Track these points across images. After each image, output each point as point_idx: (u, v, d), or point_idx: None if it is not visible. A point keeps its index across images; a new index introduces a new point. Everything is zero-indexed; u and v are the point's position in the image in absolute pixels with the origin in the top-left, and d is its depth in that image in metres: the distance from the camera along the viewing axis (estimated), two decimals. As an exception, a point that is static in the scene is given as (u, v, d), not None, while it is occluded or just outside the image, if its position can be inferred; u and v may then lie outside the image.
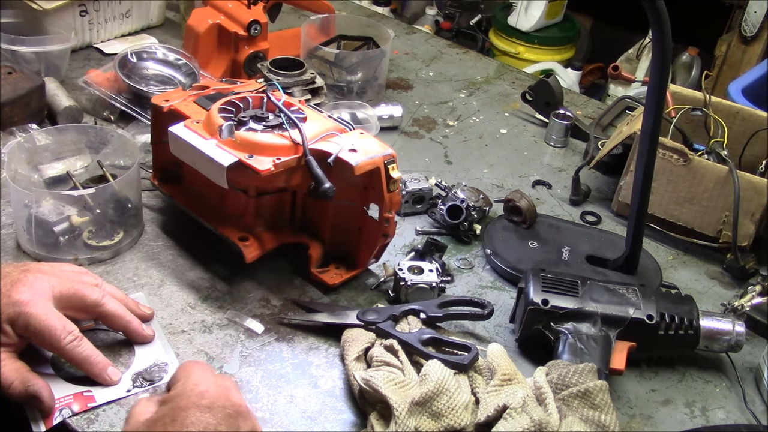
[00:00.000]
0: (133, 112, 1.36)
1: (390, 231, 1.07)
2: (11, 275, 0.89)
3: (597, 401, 0.88)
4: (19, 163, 1.14)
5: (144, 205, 1.19)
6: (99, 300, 0.93)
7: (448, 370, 0.90)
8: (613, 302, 1.01)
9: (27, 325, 0.86)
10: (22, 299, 0.86)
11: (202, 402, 0.78)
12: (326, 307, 1.07)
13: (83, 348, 0.89)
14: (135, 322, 0.97)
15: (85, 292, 0.92)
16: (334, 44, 1.63)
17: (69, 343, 0.88)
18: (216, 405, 0.78)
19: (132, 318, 0.96)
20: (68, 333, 0.88)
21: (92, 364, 0.90)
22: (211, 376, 0.83)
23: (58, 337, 0.87)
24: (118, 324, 0.96)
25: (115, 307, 0.95)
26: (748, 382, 1.06)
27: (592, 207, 1.39)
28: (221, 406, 0.78)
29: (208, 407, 0.77)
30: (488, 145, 1.54)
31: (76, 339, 0.89)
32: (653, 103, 1.03)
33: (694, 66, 2.96)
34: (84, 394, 0.90)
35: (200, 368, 0.84)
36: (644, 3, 0.94)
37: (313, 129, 1.04)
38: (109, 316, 0.94)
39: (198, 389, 0.79)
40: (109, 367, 0.91)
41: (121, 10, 1.66)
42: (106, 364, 0.91)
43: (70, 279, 0.93)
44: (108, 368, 0.91)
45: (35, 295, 0.87)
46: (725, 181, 1.22)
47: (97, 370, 0.90)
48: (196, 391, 0.79)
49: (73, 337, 0.88)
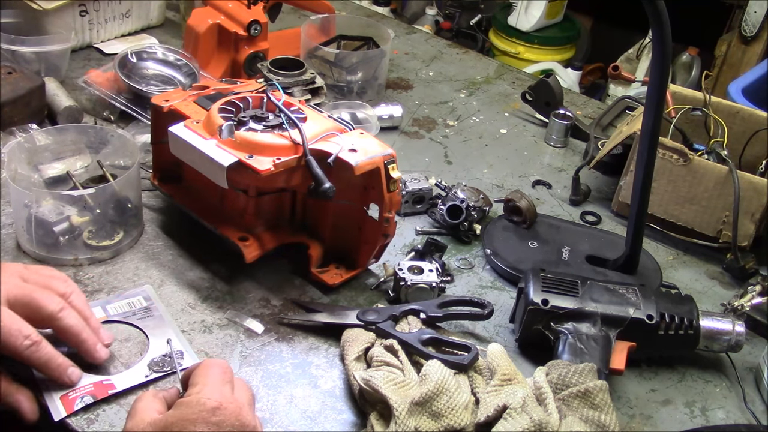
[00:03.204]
0: (133, 112, 1.36)
1: (390, 231, 1.07)
2: None
3: (597, 401, 0.88)
4: (19, 163, 1.14)
5: (144, 205, 1.19)
6: (55, 312, 0.87)
7: (448, 370, 0.90)
8: (613, 302, 1.01)
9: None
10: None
11: (212, 419, 0.77)
12: (326, 307, 1.07)
13: (41, 353, 0.85)
14: (90, 341, 0.90)
15: (42, 301, 0.87)
16: (334, 44, 1.63)
17: (26, 349, 0.84)
18: (225, 423, 0.77)
19: (88, 336, 0.90)
20: (25, 338, 0.84)
21: (51, 368, 0.87)
22: (226, 387, 0.82)
23: (14, 343, 0.83)
24: (72, 340, 0.89)
25: (73, 322, 0.89)
26: (748, 382, 1.06)
27: (592, 207, 1.39)
28: (230, 424, 0.78)
29: (218, 424, 0.77)
30: (488, 145, 1.54)
31: (33, 344, 0.84)
32: (653, 103, 1.03)
33: (694, 66, 2.96)
34: (104, 382, 0.91)
35: (218, 376, 0.83)
36: (644, 3, 0.94)
37: (313, 129, 1.04)
38: (64, 331, 0.89)
39: (210, 404, 0.78)
40: (69, 368, 0.88)
41: (121, 10, 1.66)
42: (66, 365, 0.88)
43: (34, 282, 0.88)
44: (68, 369, 0.88)
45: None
46: (725, 181, 1.22)
47: (57, 374, 0.87)
48: (208, 406, 0.78)
49: (30, 342, 0.84)
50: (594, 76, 3.31)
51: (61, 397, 0.88)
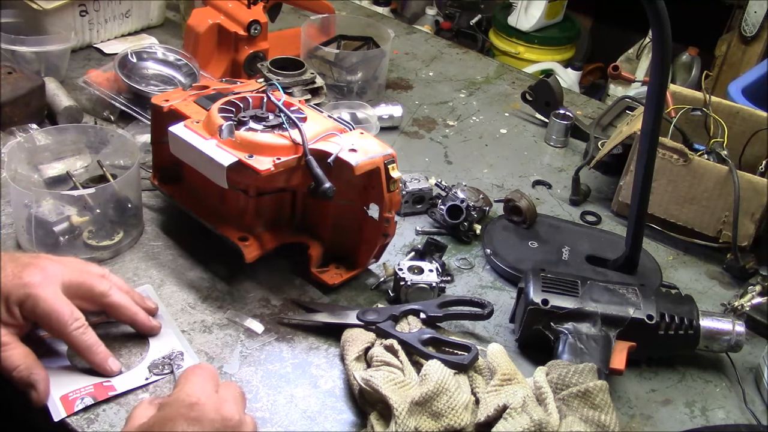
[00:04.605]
0: (133, 112, 1.36)
1: (390, 231, 1.07)
2: (22, 259, 0.90)
3: (597, 401, 0.88)
4: (19, 163, 1.14)
5: (144, 205, 1.19)
6: (106, 291, 0.94)
7: (448, 370, 0.90)
8: (613, 302, 1.01)
9: (35, 308, 0.87)
10: (32, 281, 0.87)
11: (191, 414, 0.77)
12: (326, 307, 1.07)
13: (88, 336, 0.90)
14: (141, 313, 0.97)
15: (93, 282, 0.93)
16: (334, 44, 1.63)
17: (75, 330, 0.89)
18: (205, 418, 0.77)
19: (138, 310, 0.97)
20: (75, 320, 0.89)
21: (95, 353, 0.91)
22: (208, 385, 0.81)
23: (65, 322, 0.88)
24: (125, 315, 0.96)
25: (122, 298, 0.95)
26: (748, 382, 1.06)
27: (592, 207, 1.39)
28: (210, 419, 0.77)
29: (196, 419, 0.76)
30: (488, 145, 1.54)
31: (83, 326, 0.89)
32: (653, 103, 1.03)
33: (694, 66, 2.96)
34: (104, 383, 0.91)
35: (200, 375, 0.83)
36: (644, 3, 0.94)
37: (313, 129, 1.04)
38: (116, 307, 0.95)
39: (189, 399, 0.78)
40: (110, 357, 0.92)
41: (121, 10, 1.66)
42: (108, 354, 0.92)
43: (78, 268, 0.93)
44: (109, 359, 0.92)
45: (46, 278, 0.88)
46: (725, 181, 1.22)
47: (99, 360, 0.91)
48: (187, 402, 0.78)
49: (79, 324, 0.89)
50: (594, 76, 3.31)
51: (61, 398, 0.88)
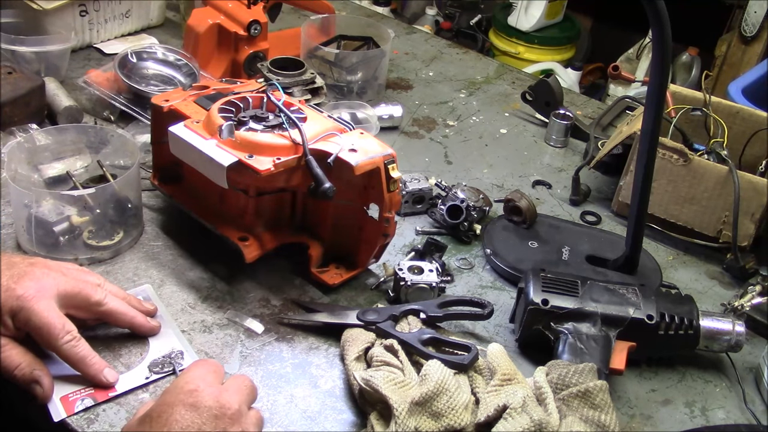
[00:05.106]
0: (133, 112, 1.36)
1: (390, 231, 1.07)
2: (18, 267, 0.90)
3: (597, 401, 0.88)
4: (19, 163, 1.14)
5: (144, 205, 1.19)
6: (101, 300, 0.94)
7: (448, 370, 0.90)
8: (613, 302, 1.01)
9: (27, 320, 0.87)
10: (26, 294, 0.87)
11: (188, 400, 0.78)
12: (326, 307, 1.07)
13: (80, 348, 0.90)
14: (139, 317, 0.98)
15: (88, 291, 0.93)
16: (334, 44, 1.63)
17: (66, 343, 0.88)
18: (202, 405, 0.78)
19: (135, 313, 0.97)
20: (66, 332, 0.88)
21: (88, 365, 0.90)
22: (210, 375, 0.82)
23: (56, 335, 0.88)
24: (122, 321, 0.97)
25: (118, 305, 0.96)
26: (748, 382, 1.06)
27: (592, 207, 1.39)
28: (208, 406, 0.78)
29: (193, 405, 0.77)
30: (488, 145, 1.54)
31: (74, 339, 0.89)
32: (653, 103, 1.03)
33: (694, 66, 2.96)
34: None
35: (202, 366, 0.84)
36: (644, 3, 0.94)
37: (313, 129, 1.04)
38: (113, 315, 0.96)
39: (188, 387, 0.79)
40: (105, 368, 0.91)
41: (121, 10, 1.66)
42: (103, 365, 0.91)
43: (74, 277, 0.93)
44: (104, 369, 0.91)
45: (39, 291, 0.88)
46: (725, 181, 1.22)
47: (93, 371, 0.90)
48: (185, 389, 0.79)
49: (71, 336, 0.89)
50: (594, 76, 3.31)
51: (61, 398, 0.88)
